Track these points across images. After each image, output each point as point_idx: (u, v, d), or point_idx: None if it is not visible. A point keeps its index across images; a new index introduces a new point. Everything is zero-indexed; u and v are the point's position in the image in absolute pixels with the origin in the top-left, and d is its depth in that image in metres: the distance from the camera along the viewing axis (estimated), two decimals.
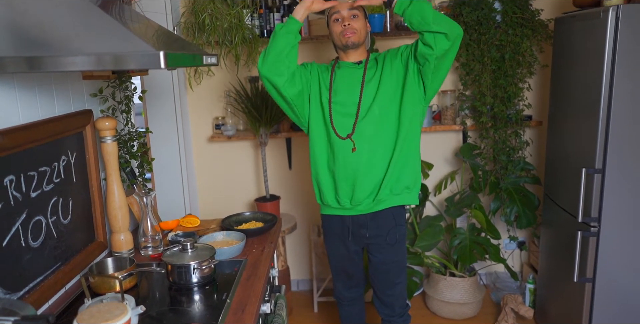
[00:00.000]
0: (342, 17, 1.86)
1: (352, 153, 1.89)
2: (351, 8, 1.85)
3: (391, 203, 1.95)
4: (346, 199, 1.97)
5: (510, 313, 2.74)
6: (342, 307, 2.24)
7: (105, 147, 1.71)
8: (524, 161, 2.84)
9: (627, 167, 2.02)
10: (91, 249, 1.72)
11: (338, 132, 1.91)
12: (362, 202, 1.95)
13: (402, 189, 1.95)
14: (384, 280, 2.06)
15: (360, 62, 1.93)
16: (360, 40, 1.88)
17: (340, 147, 1.91)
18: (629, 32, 1.90)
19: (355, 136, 1.89)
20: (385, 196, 1.94)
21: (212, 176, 3.09)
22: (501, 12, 2.61)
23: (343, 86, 1.92)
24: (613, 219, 2.07)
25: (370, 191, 1.93)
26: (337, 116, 1.91)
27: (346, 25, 1.84)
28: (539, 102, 2.95)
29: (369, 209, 1.97)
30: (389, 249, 2.00)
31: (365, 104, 1.88)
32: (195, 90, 2.93)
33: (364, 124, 1.88)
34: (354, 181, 1.92)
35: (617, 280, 2.12)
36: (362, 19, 1.89)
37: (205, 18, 2.48)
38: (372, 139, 1.89)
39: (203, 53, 1.41)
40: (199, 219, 2.10)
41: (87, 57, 1.11)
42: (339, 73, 1.94)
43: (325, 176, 1.99)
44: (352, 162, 1.91)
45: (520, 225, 2.80)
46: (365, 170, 1.91)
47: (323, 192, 2.01)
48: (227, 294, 1.51)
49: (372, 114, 1.88)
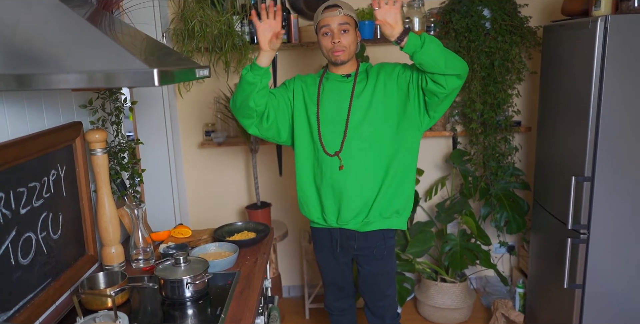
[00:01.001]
0: (331, 32, 1.79)
1: (339, 171, 1.84)
2: (342, 22, 1.78)
3: (380, 226, 1.92)
4: (332, 218, 1.94)
5: (501, 317, 2.76)
6: (332, 317, 2.23)
7: (96, 160, 1.68)
8: (514, 166, 2.86)
9: (617, 175, 2.04)
10: (82, 263, 1.69)
11: (326, 148, 1.86)
12: (349, 223, 1.91)
13: (392, 213, 1.91)
14: (374, 291, 2.03)
15: (349, 76, 1.87)
16: (350, 56, 1.82)
17: (327, 164, 1.87)
18: (617, 42, 1.92)
19: (343, 154, 1.83)
20: (374, 218, 1.90)
21: (203, 184, 3.07)
22: (490, 19, 2.62)
23: (331, 100, 1.86)
24: (602, 226, 2.10)
25: (357, 211, 1.88)
26: (326, 132, 1.86)
27: (336, 42, 1.77)
28: (528, 108, 2.97)
29: (357, 229, 1.93)
30: (377, 261, 1.98)
31: (354, 121, 1.83)
32: (184, 97, 2.90)
33: (352, 142, 1.83)
34: (340, 200, 1.88)
35: (607, 287, 2.14)
36: (352, 32, 1.81)
37: (195, 25, 2.46)
38: (360, 159, 1.84)
39: (196, 66, 1.39)
40: (191, 230, 2.08)
41: (78, 75, 1.09)
42: (327, 86, 1.89)
43: (311, 192, 1.95)
44: (338, 180, 1.85)
45: (510, 230, 2.82)
46: (352, 190, 1.85)
47: (309, 209, 1.97)
48: (221, 308, 1.50)
49: (361, 133, 1.83)
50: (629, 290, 2.13)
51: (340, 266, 2.05)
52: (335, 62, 1.82)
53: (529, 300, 2.78)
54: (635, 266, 2.11)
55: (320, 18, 1.81)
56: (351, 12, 1.82)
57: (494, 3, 2.60)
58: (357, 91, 1.84)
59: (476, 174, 2.89)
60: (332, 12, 1.78)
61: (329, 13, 1.79)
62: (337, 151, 1.84)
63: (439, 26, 2.72)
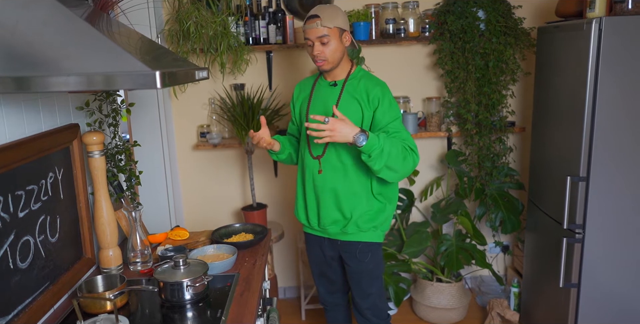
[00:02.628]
0: (312, 43, 1.83)
1: (318, 175, 1.93)
2: (320, 35, 1.79)
3: (358, 238, 1.98)
4: (314, 220, 2.02)
5: (497, 317, 2.78)
6: (327, 312, 2.26)
7: (93, 162, 1.67)
8: (508, 166, 2.88)
9: (612, 175, 2.07)
10: (79, 267, 1.68)
11: (312, 150, 1.94)
12: (328, 228, 1.99)
13: (369, 228, 1.96)
14: (357, 289, 2.07)
15: (335, 84, 1.92)
16: (332, 65, 1.86)
17: (310, 167, 1.96)
18: (612, 43, 1.94)
19: (324, 159, 1.91)
20: (352, 230, 1.96)
21: (198, 185, 3.05)
22: (485, 20, 2.64)
23: (318, 106, 1.93)
24: (598, 226, 2.12)
25: (334, 219, 1.96)
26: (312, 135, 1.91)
27: (315, 54, 1.82)
28: (522, 108, 2.99)
29: (338, 237, 2.00)
30: (360, 260, 2.00)
31: None
32: (179, 98, 2.89)
33: (333, 149, 1.89)
34: (319, 203, 1.97)
35: (603, 286, 2.16)
36: (334, 42, 1.81)
37: (190, 26, 2.45)
38: (337, 168, 1.90)
39: (195, 68, 1.39)
40: (188, 232, 2.07)
41: (78, 77, 1.08)
42: (318, 91, 1.96)
43: (299, 193, 2.07)
44: (317, 184, 1.95)
45: (505, 230, 2.84)
46: (329, 196, 1.93)
47: (297, 210, 2.09)
48: (222, 311, 1.49)
49: (342, 144, 1.86)
50: (625, 289, 2.16)
51: (326, 258, 2.10)
52: (320, 70, 1.89)
53: (523, 299, 2.80)
54: (630, 265, 2.14)
55: (303, 29, 1.86)
56: (332, 21, 1.79)
57: (488, 4, 2.62)
58: (342, 99, 1.88)
59: (471, 174, 2.90)
60: (310, 24, 1.80)
61: (308, 25, 1.81)
62: (320, 155, 1.92)
63: (433, 27, 2.74)
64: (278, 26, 2.72)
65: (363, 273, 2.02)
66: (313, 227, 2.05)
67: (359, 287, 2.05)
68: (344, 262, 2.06)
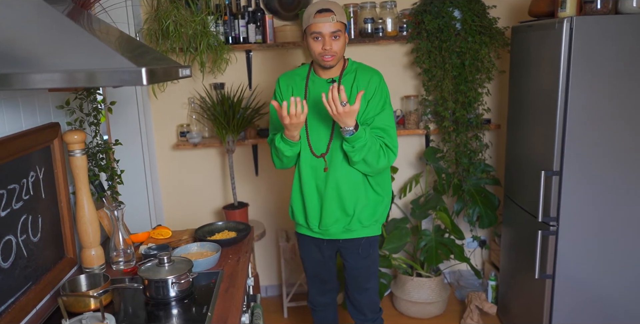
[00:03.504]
0: (322, 37, 1.76)
1: (323, 174, 1.89)
2: (334, 30, 1.75)
3: (360, 234, 1.98)
4: (315, 223, 1.98)
5: (475, 310, 2.84)
6: (315, 312, 2.25)
7: (74, 161, 1.66)
8: (484, 163, 2.95)
9: (584, 169, 2.14)
10: (61, 267, 1.66)
11: (314, 149, 1.89)
12: (330, 229, 1.96)
13: (372, 223, 1.98)
14: (354, 284, 2.08)
15: (334, 81, 1.88)
16: (338, 60, 1.83)
17: (314, 165, 1.91)
18: (582, 41, 2.01)
19: (329, 157, 1.88)
20: (355, 227, 1.96)
21: (178, 185, 3.04)
22: (461, 20, 2.70)
23: (318, 104, 1.87)
24: (571, 218, 2.19)
25: (336, 218, 1.94)
26: (313, 133, 1.89)
27: (327, 49, 1.76)
28: (497, 106, 3.07)
29: (339, 236, 1.99)
30: (360, 256, 2.03)
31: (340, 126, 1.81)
32: (159, 97, 2.87)
33: (337, 145, 1.86)
34: (322, 204, 1.93)
35: (576, 276, 2.24)
36: (343, 37, 1.80)
37: (170, 25, 2.44)
38: (342, 164, 1.88)
39: (178, 65, 1.40)
40: (171, 231, 2.07)
41: (62, 74, 1.08)
42: (313, 88, 1.90)
43: (296, 195, 2.00)
44: (320, 183, 1.92)
45: (482, 225, 2.91)
46: (333, 194, 1.90)
47: (294, 212, 2.04)
48: (207, 307, 1.50)
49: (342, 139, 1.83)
50: (597, 278, 2.24)
51: (324, 259, 2.09)
52: (324, 66, 1.83)
53: (501, 292, 2.87)
54: (602, 255, 2.22)
55: (311, 22, 1.77)
56: (343, 17, 1.80)
57: (464, 4, 2.68)
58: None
59: (449, 171, 2.96)
60: (324, 17, 1.74)
61: (321, 18, 1.74)
62: (323, 153, 1.88)
63: (411, 27, 2.78)
64: (257, 25, 2.73)
65: (361, 269, 2.04)
66: (312, 229, 2.01)
67: (357, 283, 2.07)
68: (343, 258, 2.07)
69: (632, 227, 2.18)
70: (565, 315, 2.27)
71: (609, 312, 2.27)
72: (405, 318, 2.96)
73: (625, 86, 2.06)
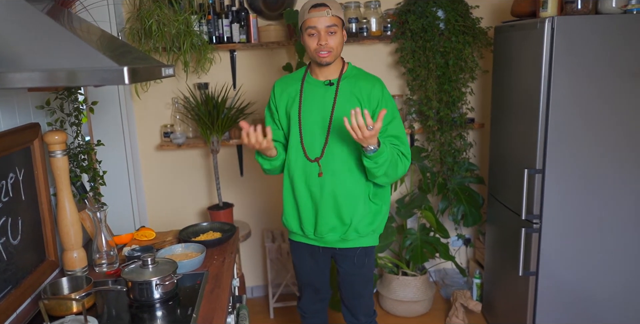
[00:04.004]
0: (318, 33, 1.72)
1: (317, 179, 1.82)
2: (330, 24, 1.71)
3: (357, 244, 1.92)
4: (310, 229, 1.92)
5: (460, 308, 2.86)
6: (305, 319, 2.19)
7: (55, 162, 1.63)
8: (469, 162, 2.97)
9: (566, 167, 2.17)
10: (42, 269, 1.63)
11: (308, 154, 1.83)
12: (326, 236, 1.90)
13: (368, 233, 1.91)
14: (350, 290, 2.03)
15: (332, 84, 1.81)
16: (335, 58, 1.78)
17: (307, 170, 1.84)
18: (563, 41, 2.04)
19: (323, 161, 1.81)
20: (352, 237, 1.89)
21: (162, 186, 3.01)
22: (444, 20, 2.72)
23: (312, 107, 1.82)
24: (553, 216, 2.22)
25: (332, 226, 1.87)
26: (307, 137, 1.83)
27: (322, 44, 1.71)
28: (481, 105, 3.09)
29: (335, 244, 1.93)
30: (356, 263, 1.97)
31: (336, 129, 1.79)
32: (141, 97, 2.84)
33: (333, 149, 1.81)
34: (317, 210, 1.86)
35: (559, 272, 2.27)
36: (339, 34, 1.75)
37: (152, 24, 2.42)
38: (340, 169, 1.82)
39: (161, 65, 1.38)
40: (154, 232, 2.05)
41: (42, 73, 1.06)
42: (308, 90, 1.84)
43: (290, 200, 1.93)
44: (314, 189, 1.85)
45: (467, 223, 2.93)
46: (328, 201, 1.84)
47: (287, 219, 1.97)
48: (192, 308, 1.49)
49: (342, 140, 1.80)
50: (580, 274, 2.27)
51: (319, 266, 2.03)
52: (321, 63, 1.77)
53: (485, 290, 2.90)
54: (584, 252, 2.25)
55: (306, 17, 1.73)
56: (339, 11, 1.75)
57: (448, 4, 2.70)
58: (339, 99, 1.80)
59: (434, 170, 2.98)
60: (319, 12, 1.70)
61: (316, 13, 1.71)
62: (318, 157, 1.82)
63: (395, 26, 2.79)
64: (242, 25, 2.72)
65: (356, 276, 1.99)
66: (308, 236, 1.95)
67: (352, 289, 2.02)
68: (338, 265, 2.01)
69: (614, 224, 2.22)
70: (548, 311, 2.30)
71: (592, 308, 2.30)
72: (392, 317, 2.97)
73: (606, 84, 2.09)
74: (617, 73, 2.08)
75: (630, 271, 2.26)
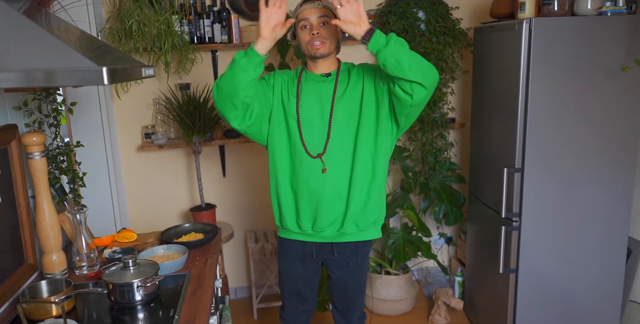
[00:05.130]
0: (310, 24, 1.70)
1: (321, 175, 1.76)
2: (321, 15, 1.70)
3: (356, 238, 1.86)
4: (308, 225, 1.85)
5: (442, 305, 2.89)
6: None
7: (33, 164, 1.61)
8: (450, 161, 3.00)
9: (544, 165, 2.21)
10: (20, 273, 1.61)
11: (309, 149, 1.76)
12: (325, 230, 1.83)
13: (368, 225, 1.85)
14: (342, 294, 1.98)
15: (329, 75, 1.78)
16: (329, 50, 1.73)
17: (306, 167, 1.78)
18: (541, 41, 2.08)
19: (326, 157, 1.76)
20: (350, 230, 1.83)
21: (144, 187, 2.99)
22: (425, 21, 2.74)
23: (311, 101, 1.77)
24: (533, 213, 2.25)
25: (333, 219, 1.81)
26: (307, 133, 1.77)
27: (315, 34, 1.69)
28: (461, 105, 3.13)
29: (333, 239, 1.87)
30: (349, 268, 1.92)
31: (337, 122, 1.75)
32: (122, 98, 2.81)
33: (335, 145, 1.76)
34: (317, 205, 1.80)
35: (538, 269, 2.30)
36: (332, 26, 1.71)
37: (133, 24, 2.40)
38: (342, 163, 1.77)
39: (141, 65, 1.37)
40: (136, 234, 2.03)
41: (19, 73, 1.05)
42: (306, 86, 1.79)
43: (287, 196, 1.84)
44: (318, 184, 1.77)
45: (448, 222, 2.96)
46: (331, 195, 1.78)
47: (283, 215, 1.87)
48: (174, 310, 1.48)
49: (343, 136, 1.76)
50: (559, 271, 2.31)
51: (309, 274, 1.96)
52: (315, 55, 1.72)
53: (467, 287, 2.93)
54: (563, 249, 2.29)
55: (298, 11, 1.73)
56: (331, 5, 1.72)
57: (428, 6, 2.73)
58: (339, 92, 1.76)
59: (415, 169, 3.00)
60: (311, 4, 1.71)
61: (307, 5, 1.71)
62: (320, 153, 1.76)
63: (376, 27, 2.81)
64: (223, 25, 2.71)
65: (349, 280, 1.93)
66: (304, 232, 1.86)
67: (345, 295, 1.97)
68: (330, 271, 1.95)
69: (592, 221, 2.27)
70: (529, 308, 2.34)
71: (571, 304, 2.35)
72: (375, 316, 2.99)
73: (582, 84, 2.14)
74: (592, 73, 2.12)
75: (607, 268, 2.32)
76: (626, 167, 2.23)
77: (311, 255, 1.91)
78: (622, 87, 2.14)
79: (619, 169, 2.23)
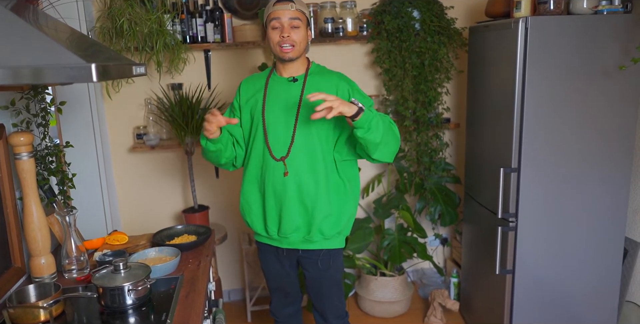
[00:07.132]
0: (281, 26, 1.72)
1: (283, 178, 1.78)
2: (293, 17, 1.71)
3: (322, 246, 1.88)
4: (274, 229, 1.88)
5: (438, 307, 2.87)
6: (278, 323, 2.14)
7: (21, 165, 1.57)
8: (445, 161, 2.99)
9: (541, 165, 2.19)
10: (8, 277, 1.57)
11: (273, 152, 1.79)
12: (290, 237, 1.86)
13: (334, 235, 1.87)
14: (317, 293, 1.99)
15: (296, 80, 1.80)
16: (298, 54, 1.76)
17: (271, 170, 1.80)
18: (537, 41, 2.06)
19: (289, 160, 1.78)
20: (316, 238, 1.85)
21: (135, 189, 2.94)
22: (420, 20, 2.72)
23: (277, 104, 1.79)
24: (529, 214, 2.24)
25: (297, 225, 1.83)
26: (272, 136, 1.79)
27: (284, 36, 1.71)
28: (456, 105, 3.11)
29: (299, 245, 1.89)
30: (321, 267, 1.93)
31: (302, 126, 1.76)
32: (113, 98, 2.77)
33: (299, 149, 1.77)
34: (281, 210, 1.82)
35: (535, 270, 2.29)
36: (303, 29, 1.75)
37: (124, 23, 2.36)
38: (305, 168, 1.78)
39: (132, 63, 1.34)
40: (127, 236, 1.99)
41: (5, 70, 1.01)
42: (273, 88, 1.82)
43: (254, 200, 1.88)
44: (280, 188, 1.80)
45: (444, 223, 2.95)
46: (294, 199, 1.80)
47: (252, 218, 1.91)
48: (167, 314, 1.45)
49: (308, 140, 1.77)
50: (555, 272, 2.29)
51: (285, 270, 1.99)
52: (283, 58, 1.75)
53: (463, 288, 2.91)
54: (560, 249, 2.27)
55: (270, 11, 1.74)
56: (304, 8, 1.76)
57: (423, 5, 2.71)
58: (305, 95, 1.76)
59: (411, 170, 2.98)
60: (284, 5, 1.72)
61: (280, 6, 1.72)
62: (284, 157, 1.78)
63: (371, 27, 2.79)
64: (216, 24, 2.67)
65: (322, 279, 1.95)
66: (272, 237, 1.91)
67: (319, 292, 1.98)
68: (303, 269, 1.97)
69: (589, 222, 2.25)
70: (525, 309, 2.32)
71: (567, 304, 2.33)
72: (370, 318, 2.96)
73: (578, 83, 2.12)
74: (588, 72, 2.11)
75: (604, 268, 2.30)
76: (622, 167, 2.22)
77: (283, 253, 1.96)
78: (618, 87, 2.13)
79: (615, 169, 2.21)
